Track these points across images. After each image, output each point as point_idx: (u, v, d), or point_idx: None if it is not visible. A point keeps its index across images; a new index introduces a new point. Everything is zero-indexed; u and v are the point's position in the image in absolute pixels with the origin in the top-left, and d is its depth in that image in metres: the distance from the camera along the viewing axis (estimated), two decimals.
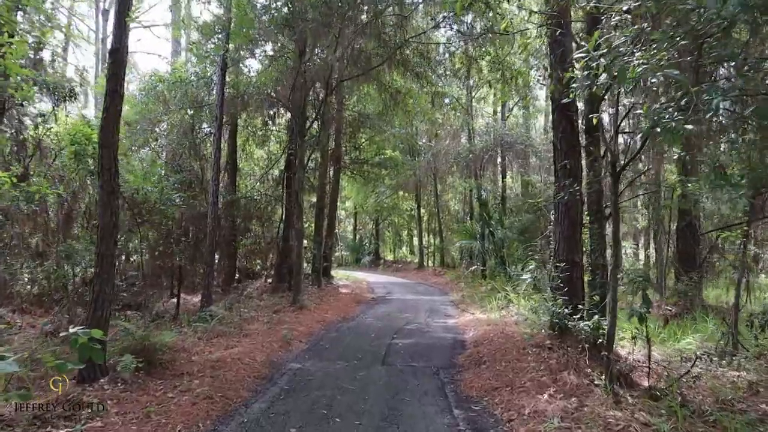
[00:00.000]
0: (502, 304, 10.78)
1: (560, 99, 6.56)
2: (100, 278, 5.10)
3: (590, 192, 5.71)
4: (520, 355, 6.24)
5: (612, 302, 4.55)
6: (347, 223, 37.59)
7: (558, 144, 6.58)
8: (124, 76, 5.36)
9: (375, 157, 17.97)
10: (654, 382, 4.86)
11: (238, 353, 6.89)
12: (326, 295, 13.93)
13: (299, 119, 10.85)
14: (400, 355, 7.14)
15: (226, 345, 7.45)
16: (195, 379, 5.63)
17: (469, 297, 13.99)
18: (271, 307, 11.42)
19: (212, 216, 9.68)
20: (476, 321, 9.85)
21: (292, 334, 8.32)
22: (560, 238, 6.46)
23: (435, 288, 18.69)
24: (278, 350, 7.42)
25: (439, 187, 24.55)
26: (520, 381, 5.33)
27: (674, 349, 6.57)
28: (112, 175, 5.17)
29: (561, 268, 5.98)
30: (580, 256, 6.38)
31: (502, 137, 17.40)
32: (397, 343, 7.93)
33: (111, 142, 5.17)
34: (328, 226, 17.58)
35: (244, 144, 15.91)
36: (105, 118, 5.19)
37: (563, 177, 6.44)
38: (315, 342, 8.14)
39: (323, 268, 16.29)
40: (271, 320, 9.56)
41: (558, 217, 6.53)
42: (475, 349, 7.32)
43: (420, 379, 5.89)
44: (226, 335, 8.06)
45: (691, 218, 10.49)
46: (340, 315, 11.12)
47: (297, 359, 6.92)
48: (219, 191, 10.07)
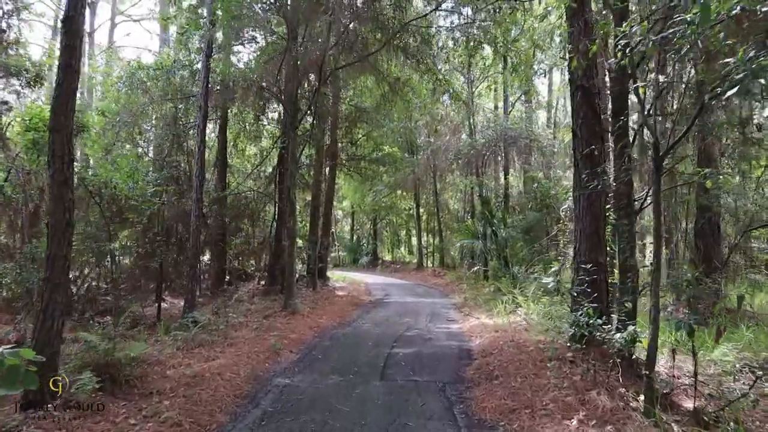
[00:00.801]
0: (509, 308, 10.05)
1: (580, 80, 5.85)
2: (50, 284, 4.35)
3: (618, 183, 4.98)
4: (537, 369, 5.51)
5: (654, 311, 3.83)
6: (344, 223, 36.86)
7: (578, 131, 5.86)
8: (80, 48, 4.61)
9: (372, 153, 17.20)
10: (701, 405, 4.14)
11: (219, 366, 6.14)
12: (321, 298, 13.18)
13: (291, 110, 10.09)
14: (400, 367, 6.40)
15: (207, 356, 6.70)
16: (165, 400, 4.88)
17: (472, 299, 13.27)
18: (262, 312, 10.67)
19: (196, 214, 8.92)
20: (482, 326, 9.12)
21: (282, 343, 7.58)
22: (581, 236, 5.73)
23: (435, 289, 17.96)
24: (265, 361, 6.67)
25: (439, 186, 23.83)
26: (541, 401, 4.60)
27: (708, 360, 5.86)
28: (65, 164, 4.42)
29: (584, 270, 5.25)
30: (604, 257, 5.66)
31: (505, 131, 16.66)
32: (397, 353, 7.19)
33: (64, 125, 4.41)
34: (324, 225, 16.83)
35: (235, 139, 15.14)
36: (57, 98, 4.44)
37: (584, 167, 5.71)
38: (307, 351, 7.39)
39: (318, 270, 15.53)
40: (260, 326, 8.81)
41: (579, 212, 5.81)
42: (484, 359, 6.58)
43: (424, 398, 5.15)
44: (208, 344, 7.31)
45: (712, 215, 9.78)
46: (335, 320, 10.38)
47: (285, 373, 6.18)
48: (204, 187, 9.30)
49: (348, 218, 35.61)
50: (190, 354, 6.86)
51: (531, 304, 9.89)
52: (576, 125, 5.89)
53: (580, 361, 5.33)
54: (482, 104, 22.92)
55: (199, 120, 9.05)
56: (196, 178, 9.02)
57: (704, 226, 9.94)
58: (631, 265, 5.00)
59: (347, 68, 11.48)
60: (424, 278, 22.13)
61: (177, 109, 10.94)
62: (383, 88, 11.58)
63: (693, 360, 4.04)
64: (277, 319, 9.72)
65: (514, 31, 8.53)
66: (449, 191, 26.49)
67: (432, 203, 25.26)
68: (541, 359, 5.78)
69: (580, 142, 5.81)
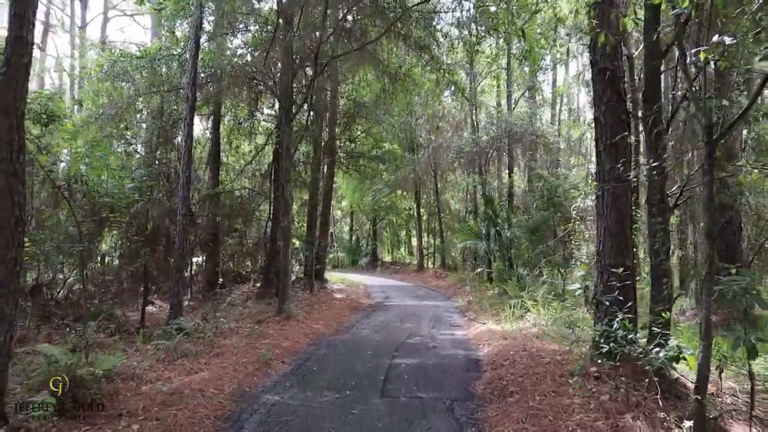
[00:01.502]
0: (517, 313, 9.44)
1: (604, 62, 5.25)
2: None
3: (652, 176, 4.37)
4: (557, 386, 4.89)
5: (705, 324, 3.22)
6: (344, 223, 36.25)
7: (601, 117, 5.24)
8: (32, 17, 3.99)
9: (372, 150, 16.56)
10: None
11: (201, 381, 5.52)
12: (318, 302, 12.56)
13: (285, 102, 9.48)
14: (402, 381, 5.78)
15: (189, 368, 6.09)
16: (135, 423, 4.27)
17: (476, 303, 12.66)
18: (255, 317, 10.05)
19: (183, 212, 8.30)
20: (489, 333, 8.50)
21: (273, 353, 6.96)
22: (606, 235, 5.12)
23: (437, 292, 17.35)
24: (254, 374, 6.05)
25: (440, 185, 23.22)
26: (567, 426, 3.98)
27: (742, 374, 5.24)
28: (13, 152, 3.81)
29: (613, 275, 4.62)
30: (631, 259, 5.04)
31: (510, 127, 16.03)
32: (398, 364, 6.58)
33: (12, 106, 3.80)
34: (322, 225, 16.21)
35: (229, 135, 14.52)
36: (5, 74, 3.82)
37: (609, 158, 5.10)
38: (300, 362, 6.77)
39: (316, 271, 14.92)
40: (251, 333, 8.18)
41: (602, 209, 5.19)
42: (496, 372, 5.97)
43: (430, 419, 4.54)
44: (192, 355, 6.69)
45: (733, 213, 9.19)
46: (332, 325, 9.76)
47: (275, 388, 5.55)
48: (193, 184, 8.68)
49: (347, 218, 35.00)
50: (171, 366, 6.24)
51: (540, 308, 9.30)
52: (599, 112, 5.28)
53: (606, 377, 4.72)
54: (485, 101, 22.31)
55: (186, 111, 8.42)
56: (182, 174, 8.41)
57: (725, 224, 9.36)
58: (665, 269, 4.39)
59: (345, 59, 10.86)
60: (425, 280, 21.52)
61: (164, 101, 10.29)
62: (383, 80, 10.95)
63: (750, 383, 3.43)
64: (270, 325, 9.11)
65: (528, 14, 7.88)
66: (450, 191, 25.90)
67: (433, 203, 24.66)
68: (561, 374, 5.16)
69: (604, 130, 5.20)
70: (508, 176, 17.75)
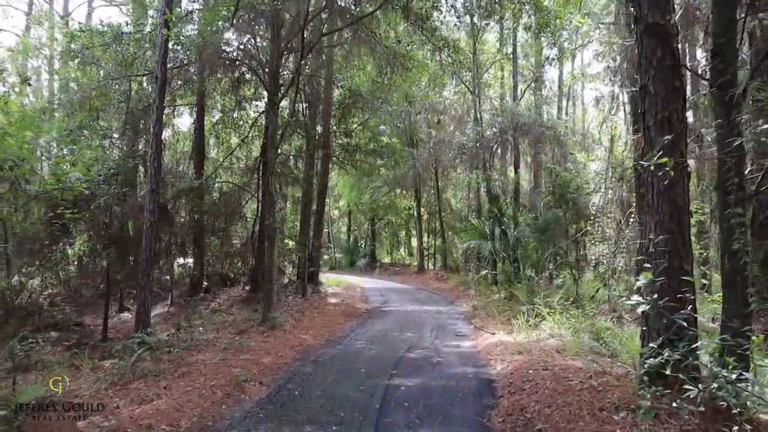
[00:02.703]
0: (532, 322, 8.39)
1: (653, 16, 4.21)
2: None
3: (724, 157, 3.34)
4: (599, 424, 3.84)
5: None
6: (341, 223, 35.19)
7: (650, 86, 4.20)
8: None
9: (369, 144, 15.49)
10: None
11: (155, 412, 4.47)
12: (310, 307, 11.51)
13: (271, 84, 8.43)
14: (402, 410, 4.74)
15: (144, 395, 5.02)
16: None
17: (482, 308, 11.62)
18: (238, 325, 9.01)
19: (150, 208, 7.25)
20: (501, 345, 7.45)
21: (250, 372, 5.92)
22: (657, 232, 4.07)
23: (439, 295, 16.31)
24: (222, 401, 5.00)
25: (441, 183, 22.17)
26: None
27: None
28: None
29: (670, 281, 3.59)
30: (690, 263, 4.00)
31: (517, 119, 14.97)
32: (397, 386, 5.53)
33: None
34: (316, 224, 15.15)
35: (215, 128, 13.47)
36: None
37: (659, 135, 4.06)
38: (281, 384, 5.71)
39: (310, 274, 13.85)
40: (229, 346, 7.14)
41: (652, 199, 4.14)
42: (515, 399, 4.92)
43: None
44: (152, 376, 5.64)
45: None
46: (323, 336, 8.71)
47: (245, 421, 4.50)
48: (161, 176, 7.63)
49: (345, 218, 33.93)
50: (124, 390, 5.19)
51: (557, 316, 8.25)
52: (646, 78, 4.23)
53: (665, 414, 3.67)
54: (488, 95, 21.29)
55: (156, 92, 7.38)
56: (150, 164, 7.37)
57: (764, 222, 8.34)
58: (746, 276, 3.35)
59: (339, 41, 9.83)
60: (426, 282, 20.49)
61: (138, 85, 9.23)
62: (380, 63, 9.86)
63: None
64: (253, 336, 8.07)
65: None
66: (452, 189, 24.86)
67: (433, 202, 23.62)
68: (602, 406, 4.10)
69: (654, 101, 4.15)
70: (515, 172, 16.69)
